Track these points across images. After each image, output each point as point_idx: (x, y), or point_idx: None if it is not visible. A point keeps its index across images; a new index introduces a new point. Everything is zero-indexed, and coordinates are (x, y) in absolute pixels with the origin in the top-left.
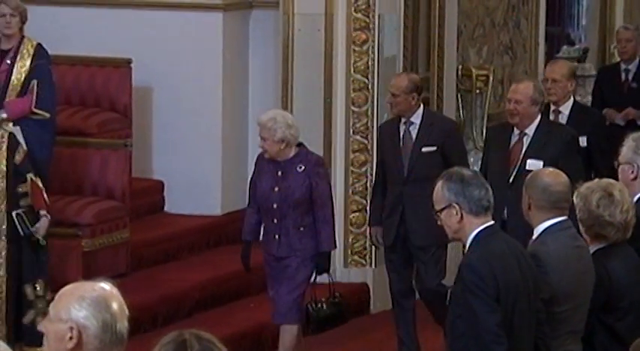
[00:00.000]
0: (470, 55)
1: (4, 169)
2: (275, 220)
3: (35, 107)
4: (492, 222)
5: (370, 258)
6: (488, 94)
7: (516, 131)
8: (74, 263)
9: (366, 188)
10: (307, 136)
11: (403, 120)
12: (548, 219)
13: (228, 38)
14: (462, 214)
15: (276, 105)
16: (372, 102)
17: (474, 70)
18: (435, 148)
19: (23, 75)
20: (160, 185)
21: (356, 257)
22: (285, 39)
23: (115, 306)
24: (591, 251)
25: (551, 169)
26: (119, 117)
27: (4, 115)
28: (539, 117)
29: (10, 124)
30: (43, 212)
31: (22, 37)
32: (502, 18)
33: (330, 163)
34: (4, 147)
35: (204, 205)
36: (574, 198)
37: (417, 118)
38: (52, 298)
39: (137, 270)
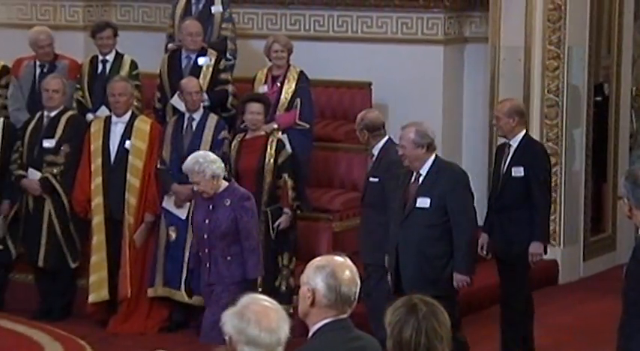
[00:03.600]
0: None
1: (272, 166)
2: (206, 250)
3: (299, 120)
4: None
5: (559, 239)
6: None
7: (415, 172)
8: (326, 241)
9: (556, 184)
10: None
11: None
12: None
13: (448, 66)
14: (630, 207)
15: (484, 122)
16: (562, 116)
17: None
18: (377, 180)
19: (289, 95)
20: None
21: None
22: (493, 67)
23: (343, 274)
24: None
25: None
26: None
27: (275, 126)
28: (432, 157)
29: (280, 133)
30: (285, 210)
31: (289, 65)
32: None
33: None
34: (274, 149)
35: None
36: None
37: (375, 150)
38: (295, 268)
39: None
